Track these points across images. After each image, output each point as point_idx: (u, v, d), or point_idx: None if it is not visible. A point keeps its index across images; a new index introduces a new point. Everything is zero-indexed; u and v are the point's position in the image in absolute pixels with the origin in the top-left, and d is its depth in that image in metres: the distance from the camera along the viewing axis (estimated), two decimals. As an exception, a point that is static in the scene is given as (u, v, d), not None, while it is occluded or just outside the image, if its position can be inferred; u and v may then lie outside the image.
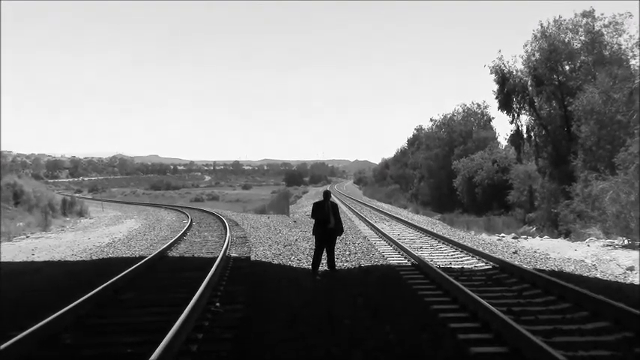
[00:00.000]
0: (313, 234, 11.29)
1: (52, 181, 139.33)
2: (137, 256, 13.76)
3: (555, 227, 24.03)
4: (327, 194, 11.44)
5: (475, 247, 13.87)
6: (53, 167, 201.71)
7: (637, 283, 10.21)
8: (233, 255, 13.38)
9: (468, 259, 12.52)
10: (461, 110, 53.33)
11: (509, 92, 29.38)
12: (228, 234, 16.91)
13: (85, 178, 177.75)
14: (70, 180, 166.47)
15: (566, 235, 20.85)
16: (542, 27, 27.62)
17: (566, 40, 27.10)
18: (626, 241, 15.47)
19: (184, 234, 18.57)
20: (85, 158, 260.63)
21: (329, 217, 10.98)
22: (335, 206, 11.38)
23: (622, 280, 10.42)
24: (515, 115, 30.24)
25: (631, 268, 11.53)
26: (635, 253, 13.31)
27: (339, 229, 11.20)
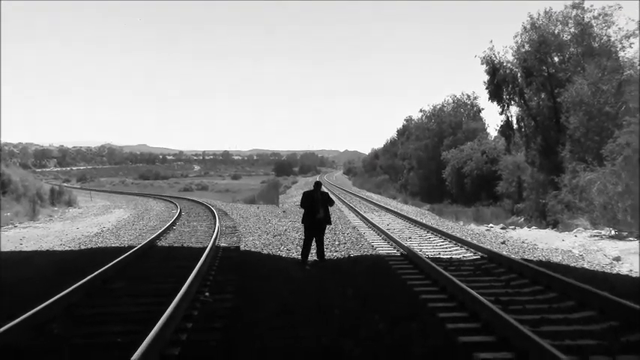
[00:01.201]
0: (302, 222, 11.31)
1: (39, 170, 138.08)
2: (126, 245, 13.71)
3: (543, 218, 24.20)
4: (317, 185, 11.45)
5: (464, 238, 13.94)
6: (41, 156, 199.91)
7: (623, 273, 10.32)
8: (222, 245, 13.37)
9: (456, 249, 12.58)
10: (451, 101, 53.51)
11: (499, 83, 29.46)
12: (217, 224, 16.88)
13: (74, 168, 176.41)
14: (59, 169, 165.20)
15: (554, 225, 20.99)
16: (532, 18, 27.69)
17: (556, 31, 27.16)
18: (612, 232, 15.60)
19: (173, 224, 18.52)
20: (74, 147, 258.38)
21: (318, 207, 10.99)
22: (325, 195, 11.39)
23: (608, 271, 10.52)
24: (506, 105, 30.38)
25: (617, 259, 11.64)
26: (621, 244, 13.44)
27: (327, 220, 11.23)
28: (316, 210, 10.96)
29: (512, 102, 30.01)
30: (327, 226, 11.61)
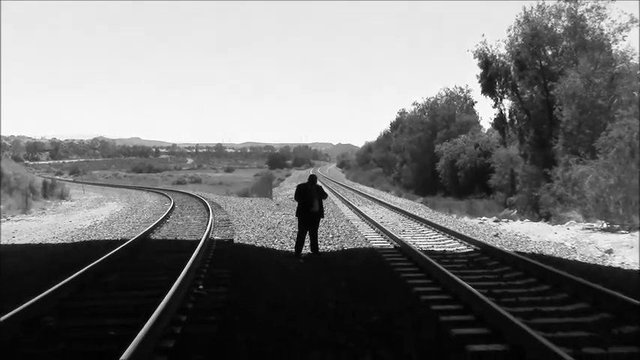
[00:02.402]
0: (297, 215, 11.31)
1: (32, 163, 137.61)
2: (119, 238, 13.67)
3: (536, 211, 24.28)
4: (312, 179, 11.42)
5: (457, 230, 13.98)
6: (33, 149, 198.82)
7: (615, 265, 10.38)
8: (216, 238, 13.36)
9: (449, 242, 12.61)
10: (444, 94, 53.49)
11: (492, 76, 29.55)
12: (211, 217, 16.86)
13: (66, 161, 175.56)
14: (51, 162, 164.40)
15: (547, 218, 21.08)
16: (525, 12, 27.71)
17: (549, 25, 27.20)
18: (604, 225, 15.69)
19: (167, 217, 18.48)
20: (66, 140, 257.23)
21: (312, 200, 10.99)
22: (320, 189, 11.36)
23: (600, 263, 10.59)
24: (499, 99, 30.49)
25: (609, 251, 11.71)
26: (613, 237, 13.53)
27: (320, 213, 11.23)
28: (310, 203, 10.97)
29: (505, 95, 30.14)
30: (321, 219, 11.62)
